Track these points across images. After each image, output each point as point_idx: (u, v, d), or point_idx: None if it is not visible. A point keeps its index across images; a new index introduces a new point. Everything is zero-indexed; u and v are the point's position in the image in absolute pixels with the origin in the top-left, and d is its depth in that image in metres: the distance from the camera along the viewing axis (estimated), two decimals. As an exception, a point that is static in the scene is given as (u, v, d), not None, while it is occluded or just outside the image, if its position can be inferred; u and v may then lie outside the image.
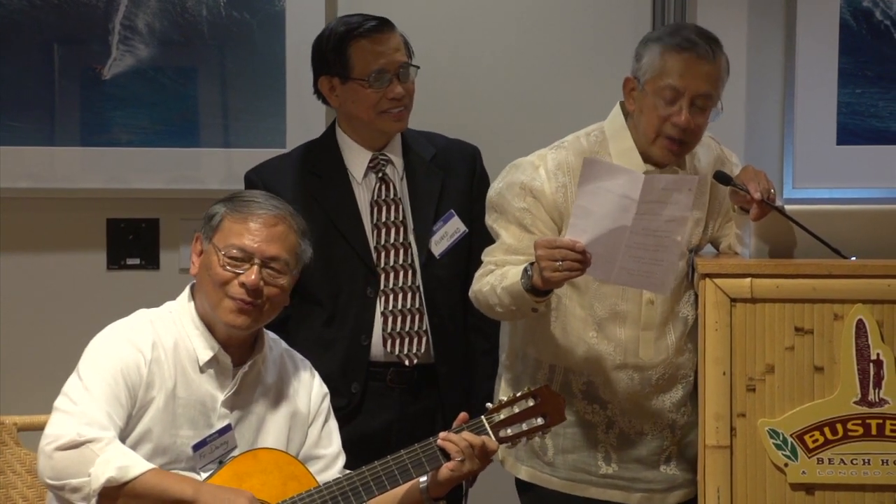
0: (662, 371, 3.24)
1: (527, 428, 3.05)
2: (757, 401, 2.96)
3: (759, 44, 4.23)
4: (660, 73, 3.14)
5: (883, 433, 2.93)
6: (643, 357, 3.23)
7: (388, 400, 3.50)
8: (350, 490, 2.94)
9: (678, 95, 3.12)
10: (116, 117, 4.19)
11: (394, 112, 3.48)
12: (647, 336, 3.22)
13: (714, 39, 3.17)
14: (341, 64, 3.47)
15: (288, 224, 3.01)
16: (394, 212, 3.52)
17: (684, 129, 3.13)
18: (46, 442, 2.83)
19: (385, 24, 3.51)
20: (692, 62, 3.12)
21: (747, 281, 2.96)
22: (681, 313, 3.25)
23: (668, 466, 3.29)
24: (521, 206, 3.21)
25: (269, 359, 3.09)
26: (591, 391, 3.26)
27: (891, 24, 4.21)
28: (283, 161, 3.62)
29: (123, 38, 4.18)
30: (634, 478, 3.29)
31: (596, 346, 3.23)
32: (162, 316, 3.04)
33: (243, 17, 4.20)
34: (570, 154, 3.24)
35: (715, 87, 3.14)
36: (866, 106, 4.23)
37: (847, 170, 4.22)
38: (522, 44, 4.33)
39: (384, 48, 3.47)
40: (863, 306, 2.93)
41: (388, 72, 3.46)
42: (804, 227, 3.04)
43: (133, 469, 2.79)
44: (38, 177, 4.19)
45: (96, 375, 2.89)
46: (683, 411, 3.27)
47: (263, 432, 3.05)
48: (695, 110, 3.13)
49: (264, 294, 2.96)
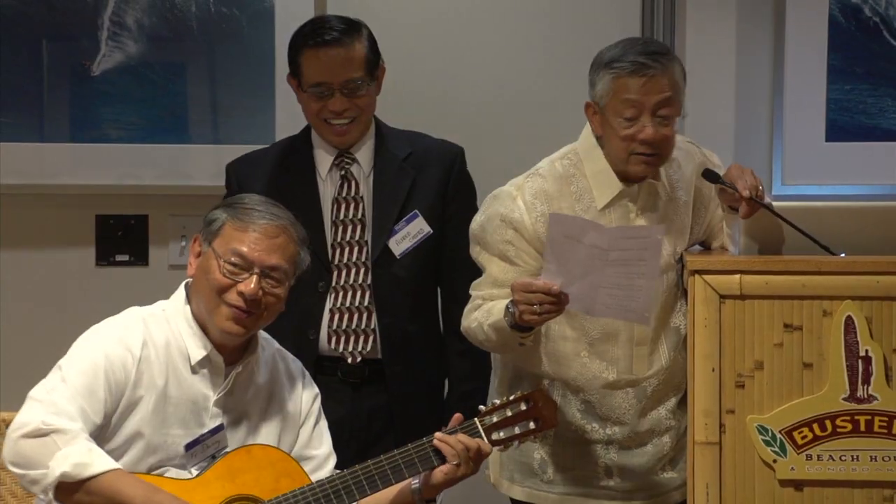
0: (657, 382, 3.24)
1: (519, 431, 3.05)
2: (746, 397, 2.97)
3: (748, 40, 4.23)
4: (616, 97, 3.13)
5: (871, 429, 2.93)
6: (637, 372, 3.22)
7: (339, 395, 3.49)
8: (342, 488, 2.94)
9: (639, 113, 3.12)
10: (105, 113, 4.19)
11: (335, 125, 3.48)
12: (640, 351, 3.22)
13: (662, 52, 3.16)
14: (296, 69, 3.51)
15: (288, 234, 3.00)
16: (353, 209, 3.51)
17: (653, 143, 3.13)
18: (13, 428, 2.82)
19: (344, 36, 3.46)
20: (646, 82, 3.11)
21: (736, 277, 2.97)
22: (673, 324, 3.25)
23: (666, 472, 3.30)
24: (504, 239, 3.21)
25: (262, 359, 3.08)
26: (588, 409, 3.25)
27: (880, 21, 4.21)
28: (261, 155, 3.65)
29: (112, 34, 4.18)
30: (636, 487, 3.29)
31: (588, 365, 3.23)
32: (155, 314, 3.03)
33: (232, 13, 4.20)
34: (546, 181, 3.23)
35: (673, 95, 3.14)
36: (855, 103, 4.24)
37: (836, 166, 4.23)
38: (511, 46, 4.34)
39: (331, 62, 3.45)
40: (852, 303, 2.94)
41: (329, 86, 3.45)
42: (793, 224, 3.05)
43: (90, 468, 2.78)
44: (27, 173, 4.18)
45: (76, 369, 2.88)
46: (679, 415, 3.27)
47: (255, 432, 3.04)
48: (659, 121, 3.13)
49: (262, 303, 2.96)
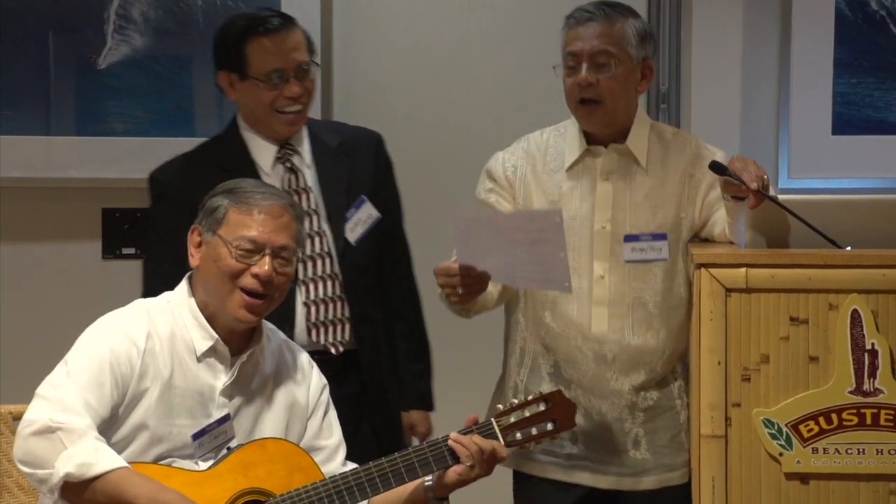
0: (618, 350, 3.30)
1: (536, 433, 3.05)
2: (752, 390, 2.97)
3: (754, 34, 4.23)
4: (564, 50, 3.32)
5: (878, 423, 2.93)
6: (595, 332, 3.30)
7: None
8: (356, 485, 2.94)
9: (578, 60, 3.28)
10: (112, 107, 4.19)
11: (289, 113, 3.45)
12: (599, 312, 3.30)
13: (613, 5, 3.32)
14: (240, 61, 3.43)
15: (291, 213, 3.02)
16: (305, 201, 3.49)
17: (588, 87, 3.27)
18: (23, 426, 2.83)
19: (287, 21, 3.46)
20: (582, 28, 3.28)
21: (743, 271, 2.97)
22: (642, 298, 3.30)
23: (638, 451, 3.34)
24: (485, 189, 3.43)
25: (268, 349, 3.09)
26: (556, 371, 3.35)
27: (886, 15, 4.21)
28: (188, 159, 3.55)
29: (118, 27, 4.18)
30: (602, 460, 3.34)
31: (551, 325, 3.33)
32: (159, 306, 3.04)
33: (238, 6, 4.20)
34: (530, 144, 3.44)
35: (610, 43, 3.27)
36: (862, 96, 4.23)
37: (842, 160, 4.23)
38: (516, 39, 4.34)
39: (283, 47, 3.43)
40: (858, 296, 2.94)
41: (285, 71, 3.42)
42: (799, 217, 3.05)
43: (94, 468, 2.77)
44: (34, 166, 4.19)
45: (81, 363, 2.89)
46: (646, 396, 3.32)
47: (261, 422, 3.05)
48: (597, 69, 3.27)
49: (274, 284, 2.97)
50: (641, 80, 3.34)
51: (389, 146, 3.66)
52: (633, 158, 3.33)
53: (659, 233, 3.30)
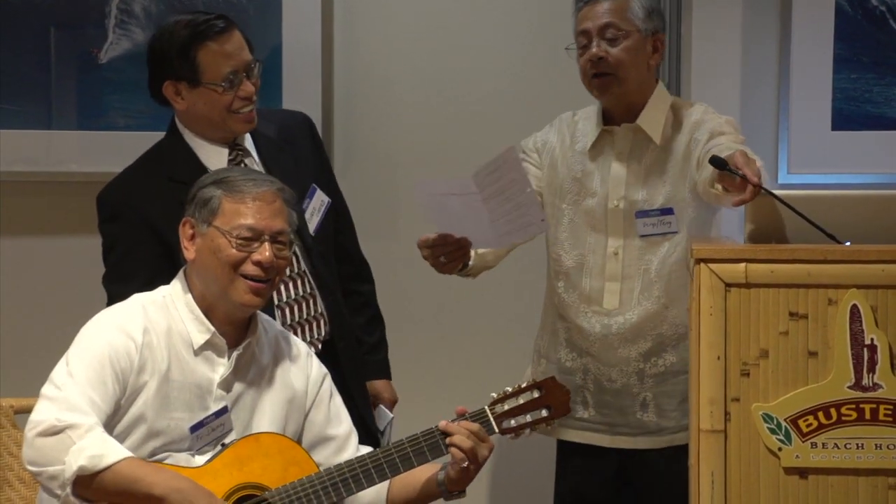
0: (624, 320, 3.46)
1: (531, 419, 3.08)
2: (751, 385, 2.97)
3: (754, 29, 4.23)
4: (574, 31, 3.48)
5: (877, 418, 2.94)
6: (606, 306, 3.47)
7: None
8: (350, 477, 2.97)
9: (588, 38, 3.43)
10: (113, 101, 4.19)
11: (245, 112, 3.42)
12: (611, 287, 3.46)
13: None
14: (190, 68, 3.38)
15: (283, 198, 3.05)
16: None
17: (599, 61, 3.40)
18: (29, 428, 2.84)
19: (229, 23, 3.43)
20: (589, 7, 3.45)
21: (742, 266, 2.97)
22: (644, 266, 3.46)
23: (645, 414, 3.50)
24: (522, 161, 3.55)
25: (264, 340, 3.10)
26: (571, 338, 3.53)
27: (886, 10, 4.21)
28: (135, 175, 3.49)
29: (120, 21, 4.18)
30: (612, 423, 3.51)
31: (563, 295, 3.49)
32: (155, 300, 3.05)
33: (239, 2, 4.20)
34: (562, 123, 3.62)
35: (617, 17, 3.41)
36: (861, 91, 4.24)
37: (842, 155, 4.23)
38: (517, 38, 4.34)
39: (232, 49, 3.40)
40: (857, 291, 2.94)
41: (238, 73, 3.40)
42: (799, 212, 3.05)
43: (106, 458, 2.79)
44: (35, 161, 4.19)
45: (82, 361, 2.90)
46: (655, 361, 3.49)
47: (259, 413, 3.06)
48: (607, 43, 3.40)
49: (275, 267, 3.00)
50: (653, 53, 3.46)
51: (391, 145, 3.67)
52: (646, 136, 3.45)
53: (666, 207, 3.45)
